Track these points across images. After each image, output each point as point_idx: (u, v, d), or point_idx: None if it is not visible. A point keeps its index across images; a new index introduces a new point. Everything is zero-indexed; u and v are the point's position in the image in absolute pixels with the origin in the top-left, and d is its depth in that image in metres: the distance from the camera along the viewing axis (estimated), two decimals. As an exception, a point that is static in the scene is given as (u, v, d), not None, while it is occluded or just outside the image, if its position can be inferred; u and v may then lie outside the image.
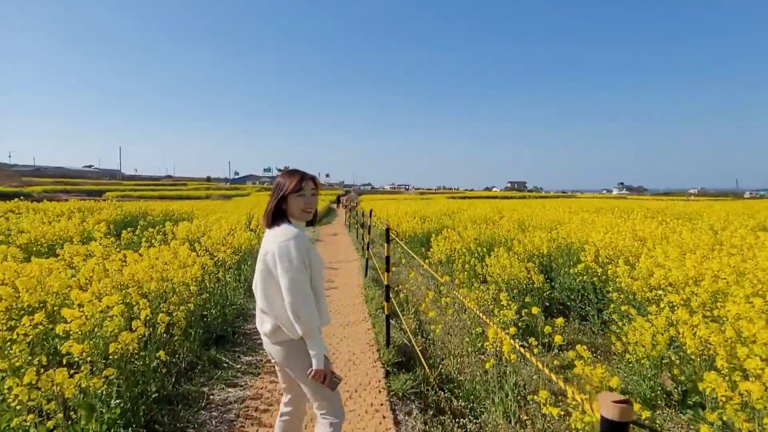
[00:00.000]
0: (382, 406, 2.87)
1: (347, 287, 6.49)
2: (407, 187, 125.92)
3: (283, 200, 1.89)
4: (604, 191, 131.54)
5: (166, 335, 3.70)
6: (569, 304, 5.77)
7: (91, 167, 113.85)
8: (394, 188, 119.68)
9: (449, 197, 47.38)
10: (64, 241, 6.02)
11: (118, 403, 2.60)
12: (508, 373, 3.32)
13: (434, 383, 3.29)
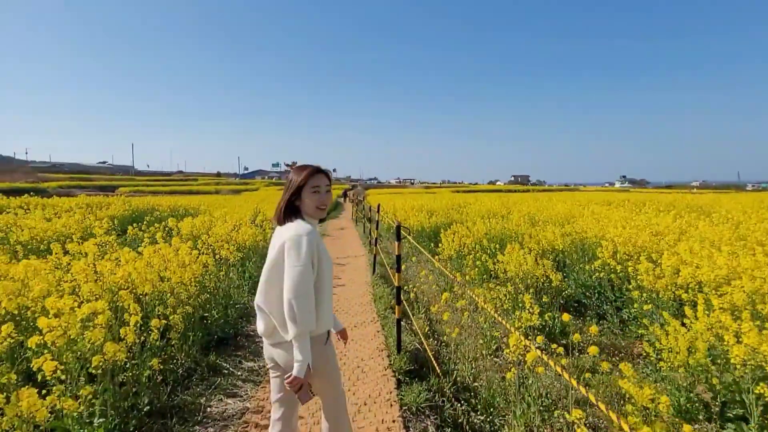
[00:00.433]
0: (394, 423, 2.53)
1: (355, 284, 6.15)
2: (413, 181, 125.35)
3: (296, 196, 1.78)
4: (606, 184, 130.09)
5: (162, 341, 3.38)
6: (585, 302, 5.40)
7: (105, 163, 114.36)
8: (399, 182, 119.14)
9: (454, 191, 46.83)
10: (66, 238, 5.74)
11: (102, 422, 2.29)
12: (530, 383, 2.97)
13: (450, 394, 2.94)
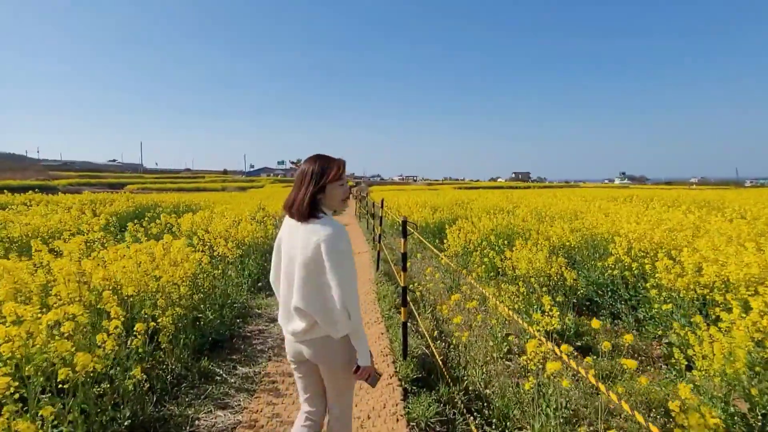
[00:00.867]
0: (400, 441, 2.19)
1: (358, 282, 5.80)
2: (415, 178, 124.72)
3: (321, 190, 1.65)
4: (606, 181, 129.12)
5: (150, 345, 3.06)
6: (598, 300, 5.05)
7: (114, 162, 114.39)
8: (402, 179, 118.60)
9: (456, 188, 46.33)
10: (60, 235, 5.44)
11: (69, 442, 1.96)
12: (550, 393, 2.63)
13: (461, 405, 2.60)
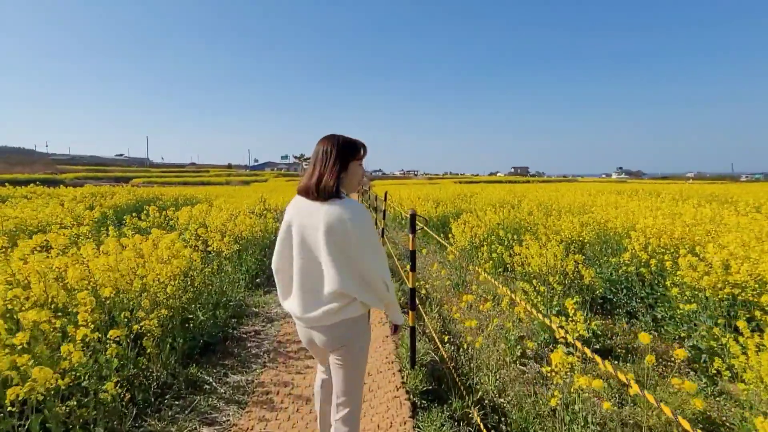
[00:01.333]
0: (411, 470, 1.84)
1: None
2: (416, 172, 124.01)
3: (344, 168, 1.57)
4: (603, 175, 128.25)
5: (132, 350, 2.71)
6: (613, 299, 4.68)
7: (122, 156, 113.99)
8: (403, 174, 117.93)
9: (456, 182, 45.83)
10: (52, 226, 5.10)
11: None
12: (577, 409, 2.28)
13: (478, 421, 2.25)
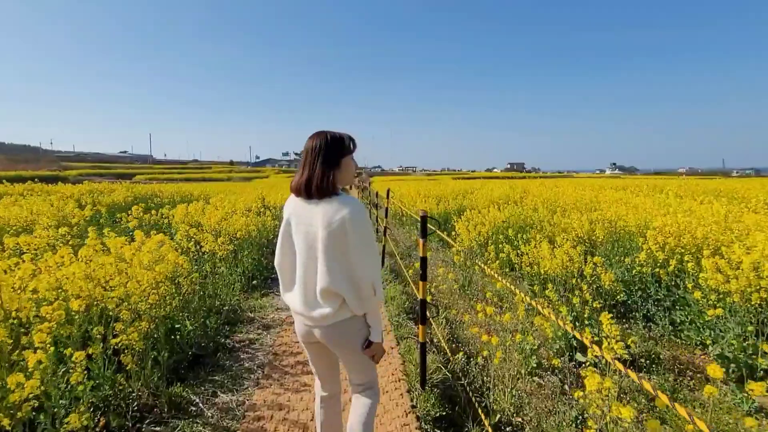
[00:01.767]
0: None
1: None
2: (414, 169, 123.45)
3: (336, 165, 1.46)
4: (597, 171, 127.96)
5: (109, 369, 2.36)
6: (627, 301, 4.34)
7: (125, 153, 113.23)
8: (402, 170, 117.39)
9: (454, 178, 45.39)
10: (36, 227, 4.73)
11: None
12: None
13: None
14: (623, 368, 1.46)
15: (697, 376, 3.07)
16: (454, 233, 6.03)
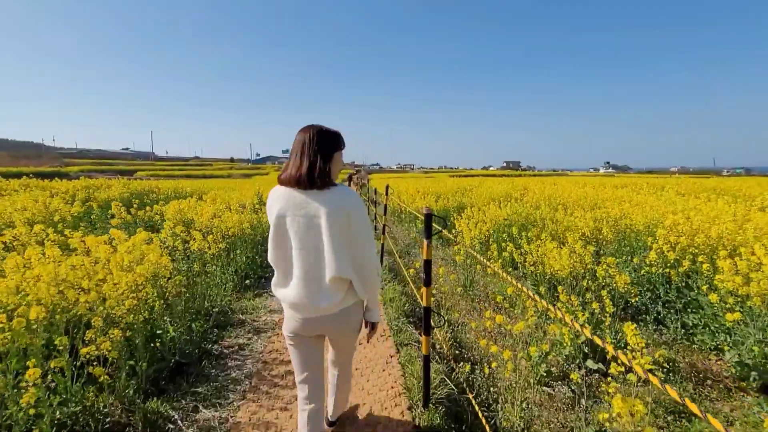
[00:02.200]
0: None
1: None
2: (412, 166, 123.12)
3: (331, 158, 1.44)
4: (591, 170, 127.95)
5: (77, 382, 2.08)
6: (636, 302, 4.07)
7: (127, 150, 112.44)
8: (400, 167, 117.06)
9: (451, 176, 45.10)
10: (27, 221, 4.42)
11: None
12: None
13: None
14: (660, 385, 1.17)
15: (718, 386, 2.80)
16: (454, 231, 5.76)
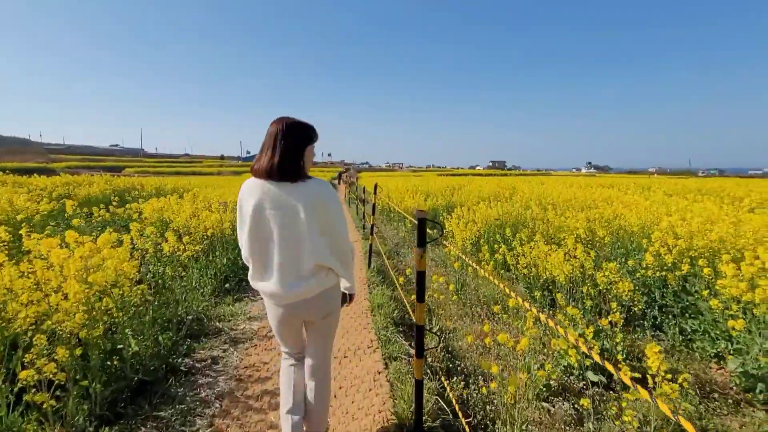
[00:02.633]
0: None
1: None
2: (401, 165, 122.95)
3: (303, 151, 1.45)
4: (574, 170, 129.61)
5: (15, 411, 1.75)
6: (633, 307, 3.86)
7: (116, 146, 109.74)
8: (389, 166, 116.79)
9: (439, 174, 44.99)
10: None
11: None
12: None
13: None
14: (688, 424, 0.92)
15: (724, 399, 2.59)
16: (445, 231, 5.51)
